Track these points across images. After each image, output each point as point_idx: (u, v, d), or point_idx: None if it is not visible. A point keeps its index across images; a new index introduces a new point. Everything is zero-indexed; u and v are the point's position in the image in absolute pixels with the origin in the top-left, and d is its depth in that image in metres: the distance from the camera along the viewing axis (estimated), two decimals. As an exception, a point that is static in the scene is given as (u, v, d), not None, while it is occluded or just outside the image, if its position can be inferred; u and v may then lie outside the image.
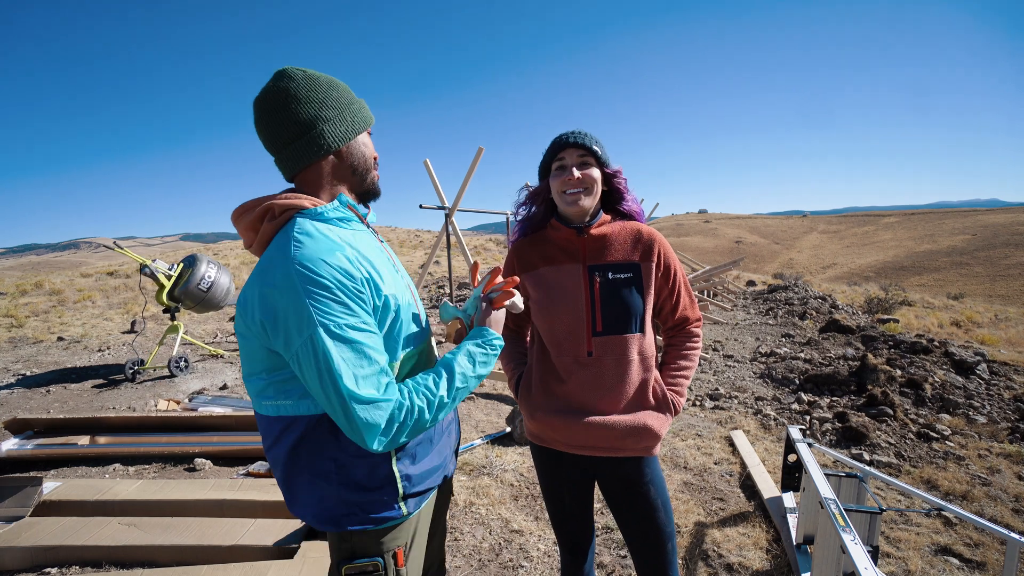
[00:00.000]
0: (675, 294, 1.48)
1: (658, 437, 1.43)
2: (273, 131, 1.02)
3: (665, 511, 1.44)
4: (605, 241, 1.43)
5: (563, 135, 1.41)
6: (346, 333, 0.90)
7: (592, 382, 1.39)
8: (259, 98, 1.03)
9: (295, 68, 1.03)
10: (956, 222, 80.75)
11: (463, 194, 6.90)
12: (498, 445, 3.78)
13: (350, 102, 1.08)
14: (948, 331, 11.20)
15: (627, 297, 1.38)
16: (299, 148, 1.02)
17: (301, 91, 1.01)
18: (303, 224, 0.98)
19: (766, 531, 2.66)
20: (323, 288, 0.89)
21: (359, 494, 1.01)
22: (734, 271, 20.27)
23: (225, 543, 2.34)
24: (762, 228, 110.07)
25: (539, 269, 1.47)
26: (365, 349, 0.92)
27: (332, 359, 0.88)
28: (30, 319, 9.74)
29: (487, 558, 2.48)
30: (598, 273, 1.40)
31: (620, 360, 1.38)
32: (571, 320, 1.40)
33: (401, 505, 1.05)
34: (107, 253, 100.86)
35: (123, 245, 6.67)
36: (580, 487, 1.52)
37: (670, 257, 1.46)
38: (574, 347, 1.40)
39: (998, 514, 2.86)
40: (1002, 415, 4.34)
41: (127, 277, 14.02)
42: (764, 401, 4.82)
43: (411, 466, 1.06)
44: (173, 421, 3.99)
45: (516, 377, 1.57)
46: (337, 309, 0.90)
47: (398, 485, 1.04)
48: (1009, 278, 44.45)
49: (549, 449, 1.50)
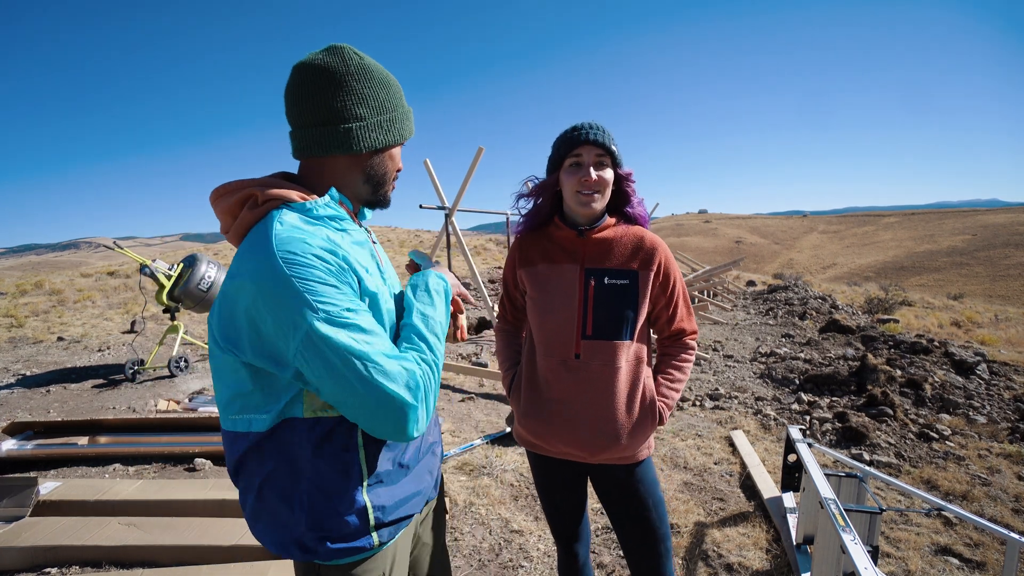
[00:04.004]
0: (672, 305, 1.45)
1: (642, 445, 1.42)
2: (301, 106, 0.93)
3: (657, 512, 1.43)
4: (606, 245, 1.41)
5: (581, 130, 1.34)
6: (349, 317, 0.82)
7: (578, 386, 1.38)
8: (301, 65, 0.93)
9: (353, 51, 0.94)
10: (956, 222, 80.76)
11: (463, 194, 6.90)
12: (498, 445, 3.78)
13: (394, 108, 0.99)
14: (948, 331, 11.20)
15: (620, 304, 1.36)
16: (320, 135, 0.93)
17: (348, 79, 0.92)
18: (286, 216, 0.88)
19: (766, 531, 2.66)
20: (313, 269, 0.81)
21: (326, 522, 0.90)
22: (734, 271, 20.26)
23: (225, 543, 2.34)
24: (762, 228, 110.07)
25: (538, 266, 1.45)
26: (368, 326, 0.85)
27: (346, 344, 0.80)
28: (30, 319, 9.74)
29: (487, 558, 2.48)
30: (594, 277, 1.38)
31: (608, 365, 1.36)
32: (561, 320, 1.38)
33: (373, 535, 0.94)
34: (107, 253, 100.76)
35: (123, 245, 6.67)
36: (572, 487, 1.52)
37: (671, 268, 1.43)
38: (562, 349, 1.39)
39: (998, 514, 2.86)
40: (1002, 415, 4.34)
41: (127, 277, 14.02)
42: (764, 401, 4.82)
43: (384, 494, 0.96)
44: (173, 421, 3.99)
45: (510, 377, 1.56)
46: (333, 293, 0.82)
47: (369, 515, 0.93)
48: (1009, 278, 44.45)
49: (538, 454, 1.50)
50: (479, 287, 6.99)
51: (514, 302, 1.60)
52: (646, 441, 1.42)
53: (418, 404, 0.86)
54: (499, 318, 1.67)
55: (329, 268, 0.83)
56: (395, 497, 0.97)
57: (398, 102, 1.00)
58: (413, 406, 0.85)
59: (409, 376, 0.85)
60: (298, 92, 0.93)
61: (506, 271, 1.59)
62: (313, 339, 0.79)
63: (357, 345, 0.81)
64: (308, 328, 0.79)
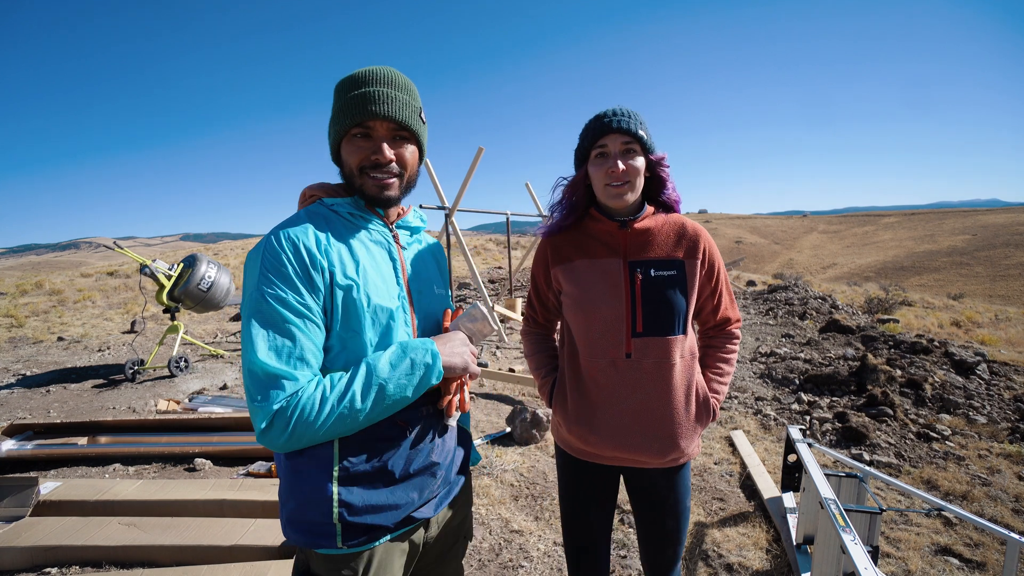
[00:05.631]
0: (717, 294, 1.38)
1: (693, 447, 1.36)
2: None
3: (681, 519, 1.40)
4: (648, 236, 1.32)
5: (605, 118, 1.26)
6: (277, 307, 0.89)
7: (630, 387, 1.29)
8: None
9: (348, 75, 1.03)
10: (956, 222, 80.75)
11: (463, 194, 6.90)
12: (498, 445, 3.78)
13: (336, 104, 1.02)
14: (948, 331, 11.19)
15: (671, 296, 1.28)
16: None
17: (335, 88, 1.05)
18: (315, 208, 1.03)
19: (766, 531, 2.66)
20: (276, 259, 0.91)
21: (304, 510, 0.95)
22: (734, 271, 20.27)
23: (225, 543, 2.34)
24: (762, 228, 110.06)
25: (575, 261, 1.36)
26: (293, 329, 0.89)
27: (252, 326, 0.89)
28: (30, 319, 9.74)
29: (487, 558, 2.48)
30: (640, 269, 1.29)
31: (662, 363, 1.28)
32: (609, 318, 1.29)
33: (337, 536, 0.93)
34: (107, 253, 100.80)
35: (123, 245, 6.67)
36: (608, 497, 1.45)
37: (715, 255, 1.36)
38: (611, 348, 1.30)
39: (998, 514, 2.86)
40: (1002, 415, 4.34)
41: (127, 277, 14.02)
42: (764, 401, 4.82)
43: (356, 493, 0.95)
44: (173, 422, 3.99)
45: (549, 384, 1.46)
46: (278, 282, 0.90)
47: (334, 510, 0.93)
48: (1009, 278, 44.45)
49: (580, 461, 1.41)
50: (479, 287, 7.00)
51: (546, 303, 1.50)
52: (697, 442, 1.38)
53: (272, 416, 0.84)
54: (526, 321, 1.58)
55: (293, 262, 0.92)
56: (367, 500, 0.95)
57: (342, 95, 1.01)
58: (265, 410, 0.85)
59: (280, 387, 0.86)
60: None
61: (536, 271, 1.50)
62: (247, 307, 0.91)
63: (261, 336, 0.88)
64: (250, 295, 0.92)
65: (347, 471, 0.95)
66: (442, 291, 1.19)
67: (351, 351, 0.96)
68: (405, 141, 1.05)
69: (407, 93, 1.03)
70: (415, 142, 1.07)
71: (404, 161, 1.04)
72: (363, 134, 1.01)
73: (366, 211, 1.06)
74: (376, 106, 0.98)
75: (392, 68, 1.03)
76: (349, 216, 1.04)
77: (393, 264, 1.07)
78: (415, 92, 1.06)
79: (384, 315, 1.00)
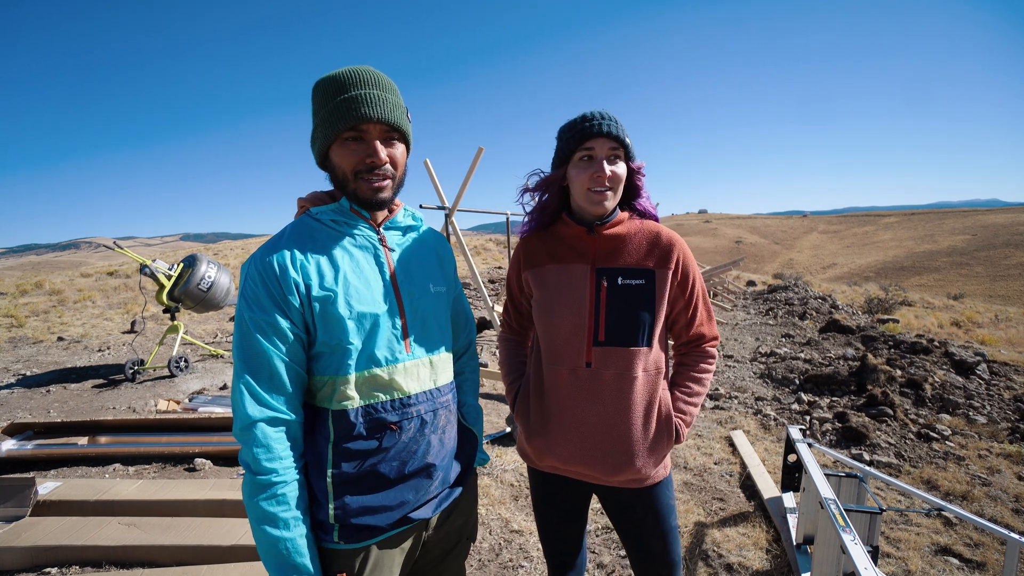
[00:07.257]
0: (691, 307, 1.32)
1: (659, 465, 1.30)
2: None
3: (667, 539, 1.31)
4: (619, 242, 1.28)
5: (592, 121, 1.21)
6: (253, 331, 0.94)
7: (588, 397, 1.25)
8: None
9: (326, 75, 1.02)
10: (956, 222, 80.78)
11: (463, 194, 6.91)
12: (498, 445, 3.78)
13: (323, 107, 1.00)
14: (948, 331, 11.19)
15: (636, 306, 1.23)
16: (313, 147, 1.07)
17: (314, 92, 1.03)
18: (301, 220, 1.06)
19: (766, 531, 2.66)
20: (250, 281, 0.96)
21: (313, 501, 1.00)
22: (734, 271, 20.26)
23: (225, 543, 2.34)
24: (762, 228, 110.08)
25: (545, 266, 1.33)
26: (263, 348, 0.94)
27: (236, 346, 0.96)
28: (30, 319, 9.74)
29: (487, 558, 2.48)
30: (607, 277, 1.25)
31: (623, 375, 1.23)
32: (571, 325, 1.26)
33: (334, 533, 0.97)
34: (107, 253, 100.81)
35: (123, 245, 6.67)
36: (575, 509, 1.41)
37: (689, 265, 1.29)
38: (571, 356, 1.26)
39: (998, 514, 2.86)
40: (1002, 415, 4.34)
41: (127, 277, 14.02)
42: (764, 401, 4.82)
43: (351, 492, 0.98)
44: (173, 422, 3.99)
45: (515, 390, 1.44)
46: (253, 303, 0.95)
47: (330, 512, 0.97)
48: (1009, 278, 44.45)
49: (544, 473, 1.38)
50: (479, 287, 6.99)
51: (519, 308, 1.48)
52: (662, 461, 1.30)
53: (248, 442, 0.93)
54: (503, 326, 1.56)
55: (267, 282, 0.96)
56: (361, 502, 0.98)
57: (328, 99, 0.99)
58: (240, 420, 0.94)
59: (250, 416, 0.93)
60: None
61: (510, 275, 1.47)
62: (238, 324, 0.98)
63: (242, 359, 0.96)
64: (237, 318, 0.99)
65: (340, 475, 0.98)
66: (441, 288, 1.16)
67: (338, 355, 0.98)
68: (395, 141, 1.05)
69: (393, 93, 1.03)
70: (404, 141, 1.07)
71: (396, 162, 1.05)
72: (355, 137, 1.00)
73: (350, 216, 1.05)
74: (369, 109, 0.97)
75: (372, 67, 1.02)
76: (332, 223, 1.04)
77: (380, 267, 1.06)
78: (398, 91, 1.06)
79: (368, 321, 1.00)
